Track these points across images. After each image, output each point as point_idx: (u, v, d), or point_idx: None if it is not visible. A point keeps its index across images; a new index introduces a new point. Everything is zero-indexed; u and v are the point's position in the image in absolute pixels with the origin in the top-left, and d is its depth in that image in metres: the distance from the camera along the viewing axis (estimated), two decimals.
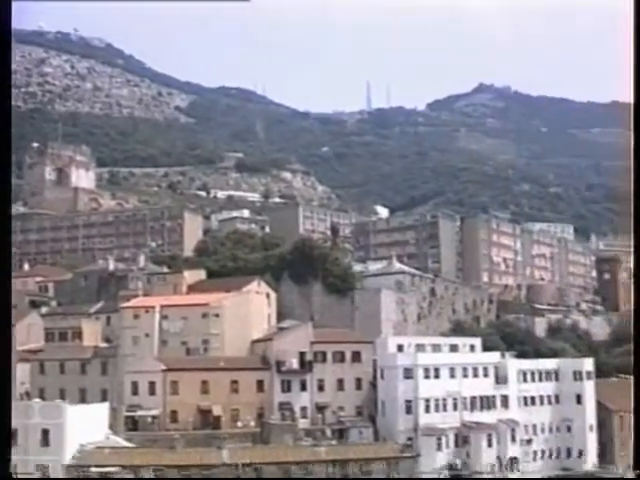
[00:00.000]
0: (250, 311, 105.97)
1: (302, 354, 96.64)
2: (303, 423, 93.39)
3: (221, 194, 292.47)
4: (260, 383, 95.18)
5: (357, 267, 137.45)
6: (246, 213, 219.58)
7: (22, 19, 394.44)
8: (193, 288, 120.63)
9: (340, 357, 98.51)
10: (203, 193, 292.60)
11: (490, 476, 73.19)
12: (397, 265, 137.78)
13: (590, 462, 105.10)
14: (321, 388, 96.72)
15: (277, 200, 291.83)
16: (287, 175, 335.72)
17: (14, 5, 41.25)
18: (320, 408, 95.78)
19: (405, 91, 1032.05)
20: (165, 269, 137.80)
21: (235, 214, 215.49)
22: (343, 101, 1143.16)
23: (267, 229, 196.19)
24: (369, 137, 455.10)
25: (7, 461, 41.70)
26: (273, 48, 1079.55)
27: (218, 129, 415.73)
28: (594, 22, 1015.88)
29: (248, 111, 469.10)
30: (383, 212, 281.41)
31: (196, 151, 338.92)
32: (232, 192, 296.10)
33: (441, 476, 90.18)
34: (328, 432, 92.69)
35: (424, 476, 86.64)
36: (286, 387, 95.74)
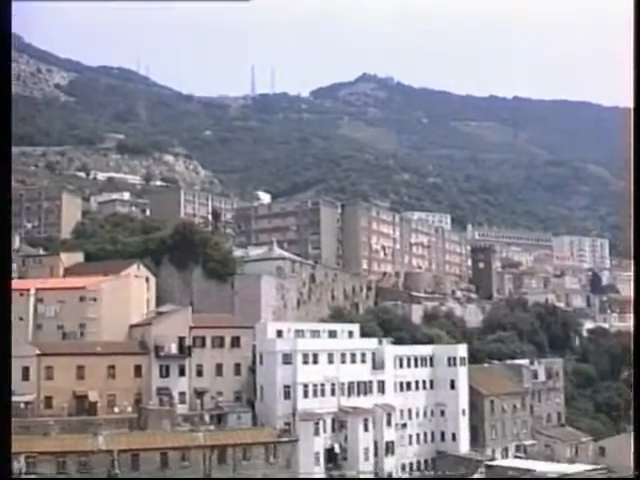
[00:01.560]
0: (129, 295, 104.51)
1: (181, 339, 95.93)
2: (181, 408, 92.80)
3: (101, 176, 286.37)
4: (138, 368, 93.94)
5: (238, 252, 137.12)
6: (126, 196, 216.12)
7: None
8: (70, 271, 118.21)
9: (219, 342, 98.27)
10: (82, 174, 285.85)
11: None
12: (278, 251, 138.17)
13: (463, 445, 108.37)
14: (200, 373, 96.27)
15: (158, 183, 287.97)
16: (169, 158, 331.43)
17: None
18: (199, 393, 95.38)
19: (289, 77, 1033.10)
20: (41, 251, 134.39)
21: (115, 196, 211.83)
22: (227, 85, 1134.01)
23: (148, 212, 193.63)
24: (252, 122, 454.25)
25: (7, 461, 40.76)
26: (157, 28, 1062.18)
27: (99, 109, 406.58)
28: (476, 15, 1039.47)
29: (130, 92, 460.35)
30: (265, 198, 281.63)
31: (76, 131, 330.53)
32: (112, 174, 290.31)
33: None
34: (206, 417, 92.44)
35: (301, 459, 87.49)
36: (164, 372, 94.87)
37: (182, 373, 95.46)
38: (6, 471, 38.84)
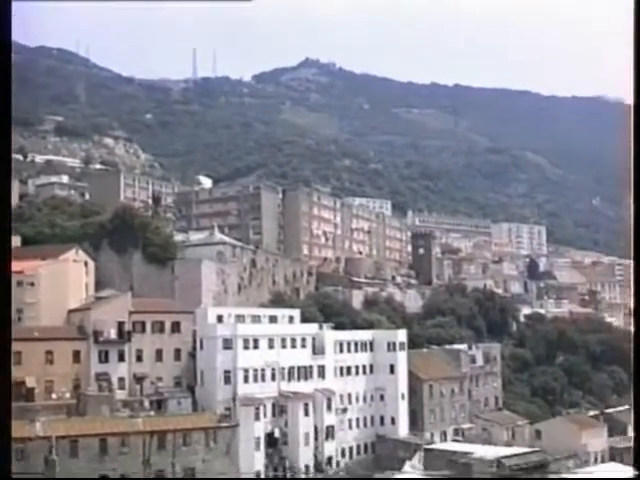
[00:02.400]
0: (67, 280, 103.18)
1: (120, 324, 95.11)
2: (120, 394, 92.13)
3: (39, 158, 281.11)
4: (76, 354, 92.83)
5: (178, 237, 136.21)
6: (65, 179, 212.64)
7: None
8: None
9: (159, 327, 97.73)
10: (20, 157, 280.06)
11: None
12: (219, 236, 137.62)
13: (402, 429, 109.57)
14: (139, 358, 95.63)
15: (98, 166, 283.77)
16: (109, 141, 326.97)
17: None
18: (138, 379, 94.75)
19: (231, 62, 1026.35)
20: None
21: (54, 179, 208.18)
22: (169, 68, 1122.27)
23: (87, 196, 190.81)
24: (194, 106, 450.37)
25: (7, 461, 40.24)
26: (98, 9, 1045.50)
27: (37, 90, 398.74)
28: (419, 2, 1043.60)
29: (69, 73, 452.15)
30: (206, 182, 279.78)
31: (13, 113, 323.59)
32: (51, 157, 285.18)
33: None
34: (146, 403, 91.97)
35: (242, 445, 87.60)
36: (103, 357, 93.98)
37: (121, 358, 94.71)
38: (6, 471, 38.71)
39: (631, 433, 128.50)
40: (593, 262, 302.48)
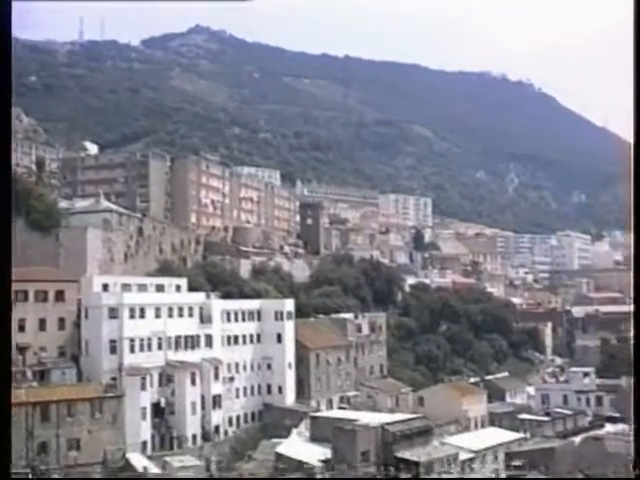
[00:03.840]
0: None
1: None
2: None
3: None
4: None
5: (63, 204, 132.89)
6: None
7: None
8: None
9: (43, 296, 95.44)
10: None
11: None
12: (105, 203, 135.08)
13: (289, 397, 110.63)
14: (22, 328, 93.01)
15: None
16: None
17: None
18: (21, 349, 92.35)
19: (120, 25, 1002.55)
20: None
21: None
22: (54, 30, 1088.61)
23: None
24: (80, 69, 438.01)
25: (7, 461, 38.43)
26: None
27: None
28: None
29: None
30: (92, 148, 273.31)
31: None
32: None
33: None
34: (29, 374, 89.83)
35: (128, 415, 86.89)
36: None
37: None
38: (6, 471, 37.55)
39: (509, 399, 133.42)
40: (476, 234, 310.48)
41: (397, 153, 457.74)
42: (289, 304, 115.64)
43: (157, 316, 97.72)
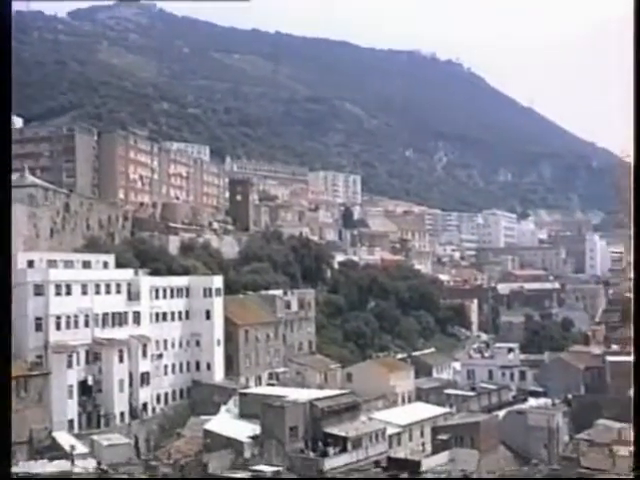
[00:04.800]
0: None
1: None
2: None
3: None
4: None
5: None
6: None
7: None
8: None
9: None
10: None
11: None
12: (30, 178, 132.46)
13: (217, 374, 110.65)
14: None
15: None
16: None
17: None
18: None
19: None
20: None
21: None
22: None
23: None
24: None
25: (7, 461, 37.16)
26: None
27: None
28: None
29: None
30: (17, 122, 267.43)
31: None
32: None
33: None
34: None
35: (54, 393, 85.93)
36: None
37: None
38: (6, 471, 36.65)
39: (435, 374, 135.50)
40: (405, 211, 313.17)
41: (327, 130, 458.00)
42: (218, 281, 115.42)
43: (84, 293, 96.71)
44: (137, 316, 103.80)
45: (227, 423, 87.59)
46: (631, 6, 41.68)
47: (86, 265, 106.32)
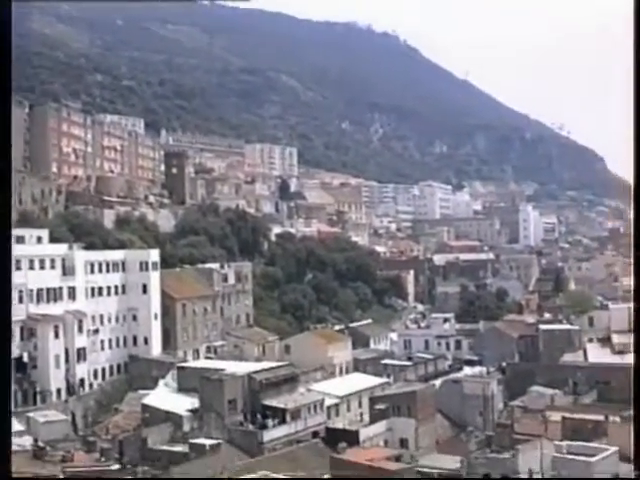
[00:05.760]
0: None
1: None
2: None
3: None
4: None
5: None
6: None
7: None
8: None
9: None
10: None
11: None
12: None
13: (155, 348, 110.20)
14: None
15: None
16: None
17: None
18: None
19: None
20: None
21: None
22: None
23: None
24: None
25: (7, 461, 35.96)
26: None
27: None
28: None
29: None
30: None
31: None
32: None
33: None
34: None
35: None
36: None
37: None
38: (6, 471, 35.77)
39: (373, 345, 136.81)
40: (341, 183, 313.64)
41: (263, 102, 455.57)
42: (154, 254, 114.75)
43: (18, 268, 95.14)
44: (72, 291, 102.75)
45: (165, 397, 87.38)
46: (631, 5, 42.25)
47: (19, 240, 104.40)
